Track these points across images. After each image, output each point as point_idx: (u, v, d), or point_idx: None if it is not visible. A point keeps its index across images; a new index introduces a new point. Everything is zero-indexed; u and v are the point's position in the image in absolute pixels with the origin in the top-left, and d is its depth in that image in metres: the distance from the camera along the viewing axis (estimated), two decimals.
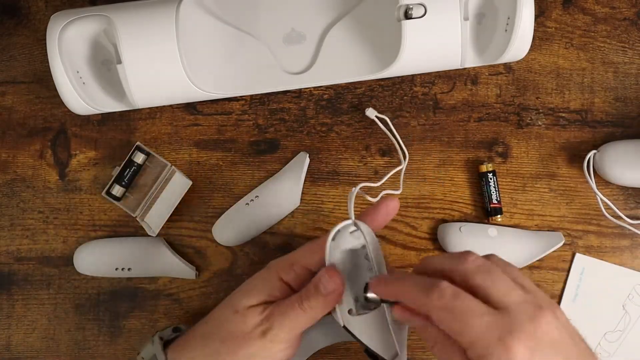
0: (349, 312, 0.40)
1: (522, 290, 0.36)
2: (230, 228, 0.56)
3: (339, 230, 0.41)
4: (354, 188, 0.42)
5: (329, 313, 0.43)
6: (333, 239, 0.41)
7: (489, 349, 0.33)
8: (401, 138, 0.57)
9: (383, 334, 0.40)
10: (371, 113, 0.56)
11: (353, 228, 0.41)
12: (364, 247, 0.41)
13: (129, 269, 0.55)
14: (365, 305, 0.41)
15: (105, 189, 0.54)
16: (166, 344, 0.48)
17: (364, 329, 0.40)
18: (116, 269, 0.55)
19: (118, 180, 0.55)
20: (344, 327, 0.41)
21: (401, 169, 0.55)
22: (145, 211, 0.55)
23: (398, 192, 0.55)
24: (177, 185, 0.55)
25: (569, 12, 0.58)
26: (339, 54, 0.57)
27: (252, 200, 0.56)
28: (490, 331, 0.33)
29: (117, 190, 0.55)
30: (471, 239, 0.55)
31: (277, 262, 0.46)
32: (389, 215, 0.44)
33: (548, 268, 0.57)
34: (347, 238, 0.41)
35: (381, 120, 0.56)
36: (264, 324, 0.42)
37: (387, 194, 0.53)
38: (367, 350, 0.42)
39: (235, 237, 0.56)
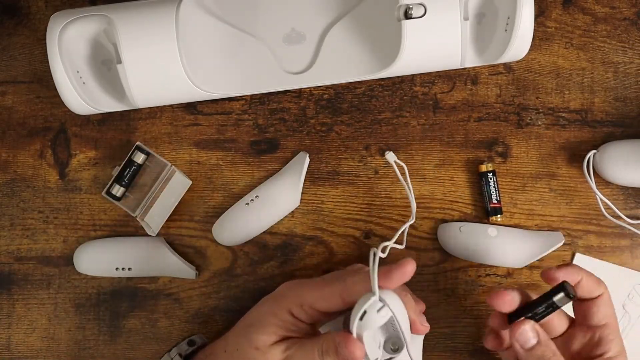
0: None
1: None
2: (230, 228, 0.56)
3: (365, 311, 0.39)
4: (373, 250, 0.41)
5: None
6: (361, 319, 0.39)
7: None
8: (401, 138, 0.57)
9: None
10: (391, 157, 0.55)
11: (379, 304, 0.39)
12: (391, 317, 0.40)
13: (129, 269, 0.56)
14: (390, 351, 0.41)
15: (105, 188, 0.54)
16: (185, 359, 0.49)
17: None
18: (116, 268, 0.55)
19: (118, 180, 0.55)
20: None
21: (408, 224, 0.54)
22: (145, 211, 0.55)
23: (402, 247, 0.55)
24: (177, 185, 0.55)
25: (569, 12, 0.58)
26: (339, 54, 0.57)
27: (252, 200, 0.56)
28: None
29: (117, 190, 0.55)
30: (471, 239, 0.55)
31: (286, 295, 0.46)
32: (404, 279, 0.42)
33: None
34: (374, 317, 0.39)
35: (399, 167, 0.55)
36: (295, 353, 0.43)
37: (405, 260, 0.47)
38: None
39: (235, 237, 0.56)
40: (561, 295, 0.44)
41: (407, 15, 0.51)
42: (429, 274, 0.57)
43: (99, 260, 0.56)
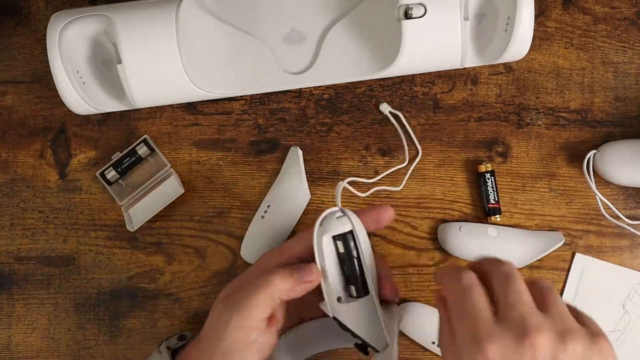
0: (338, 299, 0.40)
1: (538, 310, 0.34)
2: (259, 246, 0.56)
3: (326, 216, 0.40)
4: (340, 182, 0.45)
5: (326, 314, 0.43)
6: (321, 224, 0.40)
7: (466, 343, 0.33)
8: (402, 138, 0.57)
9: (373, 324, 0.40)
10: (385, 108, 0.57)
11: (339, 214, 0.40)
12: (351, 232, 0.40)
13: None
14: (354, 293, 0.40)
15: (101, 170, 0.54)
16: (174, 353, 0.48)
17: (354, 319, 0.40)
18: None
19: (115, 165, 0.55)
20: (334, 317, 0.40)
21: (406, 166, 0.56)
22: (131, 203, 0.55)
23: (397, 189, 0.56)
24: (169, 189, 0.55)
25: (569, 12, 0.58)
26: (339, 54, 0.57)
27: (265, 211, 0.56)
28: (477, 327, 0.33)
29: (112, 175, 0.55)
30: (471, 239, 0.55)
31: (267, 252, 0.46)
32: (379, 222, 0.42)
33: (548, 268, 0.57)
34: (334, 223, 0.40)
35: (394, 116, 0.57)
36: (225, 312, 0.41)
37: (382, 189, 0.54)
38: (358, 345, 0.42)
39: (265, 251, 0.55)
40: None
41: (407, 15, 0.51)
42: (429, 274, 0.57)
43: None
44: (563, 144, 0.57)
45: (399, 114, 0.57)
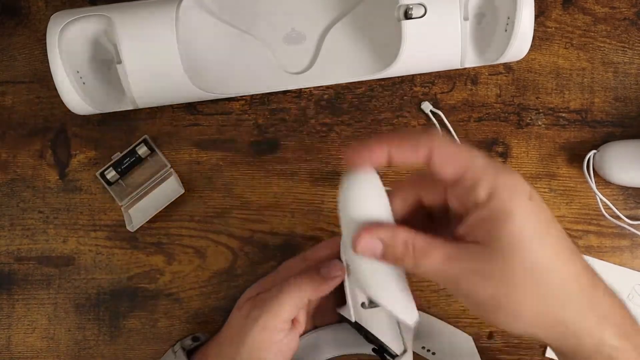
0: (362, 305, 0.41)
1: None
2: None
3: None
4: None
5: (341, 320, 0.43)
6: None
7: (494, 181, 0.33)
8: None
9: (392, 331, 0.41)
10: (426, 107, 0.56)
11: None
12: None
13: None
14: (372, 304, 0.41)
15: (101, 170, 0.54)
16: (188, 354, 0.49)
17: (376, 324, 0.41)
18: None
19: (115, 166, 0.55)
20: (355, 322, 0.41)
21: None
22: (131, 204, 0.55)
23: None
24: (169, 189, 0.55)
25: (569, 12, 0.58)
26: (339, 54, 0.57)
27: None
28: (490, 167, 0.33)
29: (112, 175, 0.55)
30: None
31: (291, 259, 0.48)
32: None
33: None
34: None
35: (435, 115, 0.57)
36: (253, 312, 0.43)
37: None
38: (376, 349, 0.42)
39: None
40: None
41: (407, 16, 0.51)
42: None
43: None
44: (563, 144, 0.57)
45: (440, 113, 0.56)
